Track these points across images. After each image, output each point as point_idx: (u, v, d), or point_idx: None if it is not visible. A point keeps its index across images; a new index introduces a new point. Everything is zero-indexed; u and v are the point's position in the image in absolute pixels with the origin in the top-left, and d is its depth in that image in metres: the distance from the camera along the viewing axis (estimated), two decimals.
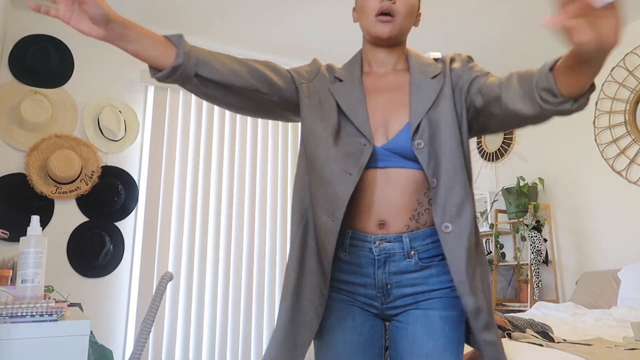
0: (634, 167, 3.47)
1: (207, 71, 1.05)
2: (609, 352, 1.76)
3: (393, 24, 1.14)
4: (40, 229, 1.33)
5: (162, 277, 1.84)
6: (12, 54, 3.27)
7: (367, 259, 1.13)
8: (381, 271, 1.12)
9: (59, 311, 1.19)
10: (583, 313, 2.97)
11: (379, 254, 1.12)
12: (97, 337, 3.20)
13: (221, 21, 3.52)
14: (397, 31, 1.15)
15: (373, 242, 1.12)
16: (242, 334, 3.58)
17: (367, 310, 1.16)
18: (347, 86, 1.17)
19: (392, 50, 1.20)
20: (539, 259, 3.75)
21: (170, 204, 3.53)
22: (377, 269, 1.12)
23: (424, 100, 1.11)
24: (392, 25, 1.14)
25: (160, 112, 3.62)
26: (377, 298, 1.14)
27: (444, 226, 1.06)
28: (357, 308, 1.16)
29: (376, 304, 1.15)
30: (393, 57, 1.21)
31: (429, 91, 1.12)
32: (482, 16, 3.45)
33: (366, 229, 1.13)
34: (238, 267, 3.66)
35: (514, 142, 4.41)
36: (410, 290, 1.13)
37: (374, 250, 1.12)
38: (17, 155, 3.20)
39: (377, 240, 1.11)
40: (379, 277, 1.12)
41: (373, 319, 1.17)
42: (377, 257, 1.12)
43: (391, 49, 1.20)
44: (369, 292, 1.14)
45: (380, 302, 1.14)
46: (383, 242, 1.11)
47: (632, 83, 3.52)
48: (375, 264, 1.12)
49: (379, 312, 1.16)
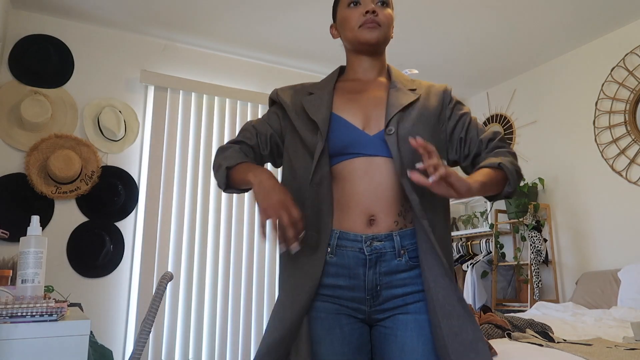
0: (634, 167, 3.47)
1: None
2: (609, 352, 1.76)
3: (379, 31, 1.24)
4: (40, 229, 1.33)
5: (162, 277, 1.84)
6: (12, 54, 3.26)
7: (357, 260, 1.13)
8: (372, 272, 1.12)
9: (59, 311, 1.19)
10: (583, 313, 2.97)
11: (370, 253, 1.12)
12: (97, 337, 3.20)
13: (221, 21, 3.51)
14: (382, 37, 1.25)
15: (364, 242, 1.12)
16: (242, 334, 3.58)
17: (354, 316, 1.15)
18: (317, 96, 1.26)
19: (375, 58, 1.30)
20: (539, 259, 3.75)
21: (170, 204, 3.53)
22: (368, 269, 1.12)
23: (400, 100, 1.21)
24: (379, 32, 1.24)
25: (160, 112, 3.62)
26: (366, 301, 1.14)
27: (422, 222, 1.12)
28: (344, 316, 1.15)
29: (364, 307, 1.14)
30: (377, 65, 1.30)
31: (405, 96, 1.23)
32: (469, 20, 3.45)
33: (355, 227, 1.13)
34: (238, 267, 3.66)
35: (514, 142, 4.41)
36: (400, 292, 1.13)
37: (365, 250, 1.12)
38: (17, 155, 3.20)
39: (369, 240, 1.12)
40: (369, 278, 1.12)
41: (360, 326, 1.16)
42: (369, 257, 1.12)
43: (374, 57, 1.29)
44: (357, 295, 1.14)
45: (368, 305, 1.14)
46: (374, 242, 1.12)
47: (632, 83, 3.52)
48: (366, 264, 1.12)
49: (365, 316, 1.15)
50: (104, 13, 3.41)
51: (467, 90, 4.77)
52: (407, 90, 1.25)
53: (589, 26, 3.62)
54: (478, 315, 2.33)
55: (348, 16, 1.26)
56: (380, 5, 1.26)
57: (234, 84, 3.98)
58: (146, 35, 3.72)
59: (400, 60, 4.08)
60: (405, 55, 4.02)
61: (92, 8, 3.34)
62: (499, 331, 2.13)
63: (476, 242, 4.41)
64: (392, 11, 1.29)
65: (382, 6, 1.26)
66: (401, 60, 4.09)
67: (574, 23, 3.57)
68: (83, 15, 3.44)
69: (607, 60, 3.72)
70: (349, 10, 1.27)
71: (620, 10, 3.43)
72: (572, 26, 3.61)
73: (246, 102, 3.93)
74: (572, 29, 3.65)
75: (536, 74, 4.28)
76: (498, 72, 4.38)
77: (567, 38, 3.79)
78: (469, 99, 4.94)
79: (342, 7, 1.29)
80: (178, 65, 3.81)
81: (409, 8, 3.36)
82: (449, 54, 4.01)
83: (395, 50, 3.93)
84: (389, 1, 1.29)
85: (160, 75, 3.63)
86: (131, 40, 3.68)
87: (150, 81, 3.59)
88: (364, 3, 1.25)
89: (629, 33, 3.60)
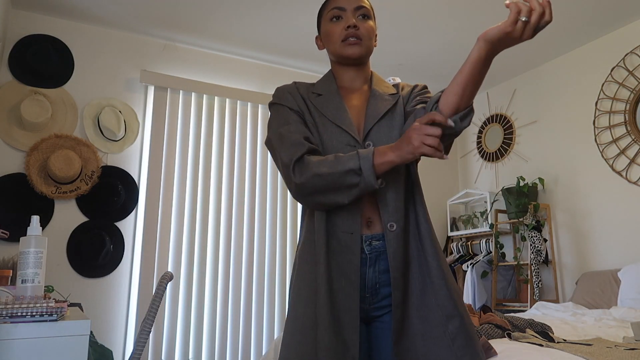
0: (634, 167, 3.47)
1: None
2: (609, 352, 1.76)
3: (361, 46, 1.28)
4: (40, 229, 1.33)
5: (162, 277, 1.84)
6: (12, 54, 3.27)
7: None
8: (372, 270, 1.17)
9: (59, 311, 1.19)
10: (583, 313, 2.97)
11: (370, 252, 1.17)
12: (97, 337, 3.20)
13: (221, 21, 3.51)
14: (364, 51, 1.29)
15: (364, 242, 1.17)
16: (242, 334, 3.58)
17: None
18: (327, 98, 1.29)
19: (359, 68, 1.34)
20: (539, 259, 3.74)
21: (170, 204, 3.53)
22: (368, 268, 1.17)
23: (378, 109, 1.26)
24: (360, 47, 1.28)
25: (160, 112, 3.62)
26: (365, 299, 1.18)
27: (389, 225, 1.16)
28: None
29: (363, 305, 1.18)
30: (360, 75, 1.34)
31: (383, 103, 1.27)
32: (469, 20, 3.45)
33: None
34: (238, 267, 3.66)
35: (514, 142, 4.41)
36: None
37: (365, 249, 1.17)
38: (17, 155, 3.20)
39: (369, 240, 1.18)
40: (369, 277, 1.17)
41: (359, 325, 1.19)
42: (369, 255, 1.17)
43: (358, 67, 1.33)
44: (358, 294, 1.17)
45: (368, 302, 1.18)
46: (374, 241, 1.18)
47: (632, 83, 3.52)
48: (366, 263, 1.17)
49: (364, 314, 1.18)
50: (104, 13, 3.41)
51: None
52: (386, 96, 1.29)
53: (589, 26, 3.62)
54: (478, 316, 2.33)
55: (330, 30, 1.30)
56: (361, 19, 1.29)
57: (234, 84, 3.98)
58: (146, 35, 3.72)
59: (400, 60, 4.09)
60: (403, 55, 4.02)
61: (92, 8, 3.34)
62: (499, 331, 2.13)
63: (476, 242, 4.41)
64: (373, 23, 1.32)
65: (363, 19, 1.29)
66: (401, 60, 4.09)
67: (574, 23, 3.57)
68: (83, 15, 3.44)
69: (607, 60, 3.72)
70: (332, 25, 1.30)
71: (620, 10, 3.43)
72: (572, 26, 3.61)
73: (246, 102, 3.93)
74: (572, 29, 3.65)
75: (536, 74, 4.28)
76: (498, 72, 4.38)
77: (567, 38, 3.79)
78: None
79: (325, 21, 1.32)
80: (178, 65, 3.81)
81: (407, 8, 3.36)
82: (449, 54, 4.01)
83: (394, 50, 3.93)
84: (370, 13, 1.32)
85: (160, 75, 3.63)
86: (131, 40, 3.68)
87: (150, 81, 3.59)
88: (346, 17, 1.28)
89: (629, 33, 3.60)
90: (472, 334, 1.12)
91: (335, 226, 1.16)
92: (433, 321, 1.11)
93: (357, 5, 1.29)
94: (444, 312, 1.12)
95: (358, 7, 1.29)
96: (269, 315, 3.70)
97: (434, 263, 1.15)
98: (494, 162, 4.59)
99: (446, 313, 1.12)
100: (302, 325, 1.12)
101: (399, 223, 1.17)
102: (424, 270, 1.16)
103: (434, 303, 1.13)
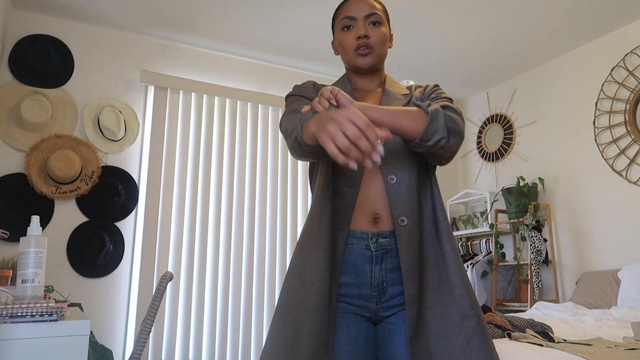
0: (634, 167, 3.47)
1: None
2: (609, 352, 1.76)
3: (372, 55, 1.27)
4: (40, 229, 1.33)
5: (162, 277, 1.84)
6: (12, 54, 3.26)
7: (364, 257, 1.16)
8: (378, 268, 1.15)
9: (59, 311, 1.19)
10: (583, 313, 2.97)
11: (376, 250, 1.15)
12: (97, 337, 3.20)
13: (221, 21, 3.51)
14: (376, 61, 1.28)
15: (370, 239, 1.15)
16: (242, 334, 3.58)
17: (360, 314, 1.17)
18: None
19: (372, 75, 1.34)
20: (539, 259, 3.74)
21: (170, 204, 3.53)
22: (374, 266, 1.15)
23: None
24: (371, 57, 1.27)
25: (160, 112, 3.62)
26: (372, 298, 1.16)
27: (400, 220, 1.15)
28: (350, 315, 1.16)
29: (370, 305, 1.16)
30: (374, 81, 1.34)
31: (395, 102, 1.27)
32: (469, 20, 3.45)
33: (361, 225, 1.17)
34: (238, 267, 3.66)
35: (514, 142, 4.41)
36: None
37: (371, 246, 1.15)
38: (17, 155, 3.20)
39: (375, 237, 1.15)
40: (375, 275, 1.15)
41: (367, 325, 1.18)
42: (375, 253, 1.15)
43: (372, 74, 1.33)
44: (364, 293, 1.16)
45: (375, 302, 1.16)
46: (380, 238, 1.16)
47: (632, 83, 3.52)
48: (372, 261, 1.15)
49: (371, 314, 1.17)
50: (104, 13, 3.41)
51: (466, 90, 4.77)
52: (399, 96, 1.28)
53: (589, 26, 3.62)
54: None
55: (342, 40, 1.29)
56: (372, 26, 1.26)
57: (234, 84, 3.98)
58: (146, 35, 3.72)
59: (400, 60, 4.09)
60: (405, 55, 4.02)
61: (92, 8, 3.34)
62: (499, 331, 2.13)
63: (476, 242, 4.41)
64: (386, 28, 1.29)
65: (374, 26, 1.27)
66: (401, 60, 4.09)
67: (574, 23, 3.57)
68: (83, 15, 3.44)
69: (607, 60, 3.72)
70: (343, 35, 1.29)
71: (620, 10, 3.43)
72: (572, 26, 3.61)
73: (246, 102, 3.93)
74: (572, 29, 3.65)
75: (536, 74, 4.28)
76: (498, 72, 4.38)
77: (567, 38, 3.79)
78: (469, 99, 4.94)
79: (338, 30, 1.31)
80: (178, 65, 3.81)
81: (409, 8, 3.36)
82: (448, 54, 4.01)
83: (394, 50, 3.93)
84: (382, 18, 1.28)
85: (160, 75, 3.63)
86: (131, 40, 3.68)
87: (150, 81, 3.59)
88: (357, 27, 1.26)
89: (629, 33, 3.60)
90: (488, 336, 1.10)
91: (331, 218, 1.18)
92: (449, 320, 1.09)
93: (367, 13, 1.26)
94: (459, 311, 1.10)
95: (369, 14, 1.26)
96: (269, 315, 3.70)
97: (452, 261, 1.14)
98: (494, 162, 4.59)
99: (462, 312, 1.10)
100: (283, 309, 1.15)
101: (411, 217, 1.15)
102: (440, 267, 1.14)
103: (450, 301, 1.11)
